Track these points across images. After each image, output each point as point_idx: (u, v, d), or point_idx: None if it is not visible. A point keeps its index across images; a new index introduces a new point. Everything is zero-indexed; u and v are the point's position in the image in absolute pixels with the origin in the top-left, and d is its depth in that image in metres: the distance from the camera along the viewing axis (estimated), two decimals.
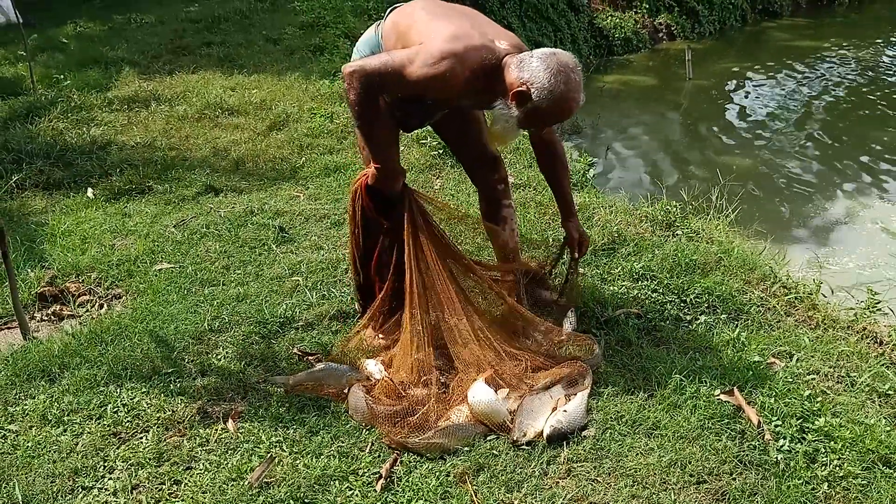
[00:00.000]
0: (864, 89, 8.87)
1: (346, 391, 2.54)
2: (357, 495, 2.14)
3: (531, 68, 2.30)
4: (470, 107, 2.68)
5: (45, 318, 3.14)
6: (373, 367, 2.63)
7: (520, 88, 2.30)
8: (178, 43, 7.13)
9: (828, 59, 10.16)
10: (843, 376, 2.63)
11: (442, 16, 2.49)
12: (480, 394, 2.40)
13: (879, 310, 3.19)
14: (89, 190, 4.34)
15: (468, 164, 2.93)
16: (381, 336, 2.74)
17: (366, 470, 2.23)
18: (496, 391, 2.45)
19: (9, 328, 3.06)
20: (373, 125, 2.48)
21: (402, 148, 4.42)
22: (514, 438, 2.33)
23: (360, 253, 2.76)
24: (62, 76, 5.97)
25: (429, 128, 3.02)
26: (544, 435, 2.32)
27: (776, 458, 2.24)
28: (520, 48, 2.43)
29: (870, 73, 9.49)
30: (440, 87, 2.38)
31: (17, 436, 2.38)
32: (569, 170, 2.92)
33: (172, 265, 3.42)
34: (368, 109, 2.42)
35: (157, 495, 2.16)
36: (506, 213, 2.88)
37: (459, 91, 2.40)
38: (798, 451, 2.25)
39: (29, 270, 3.38)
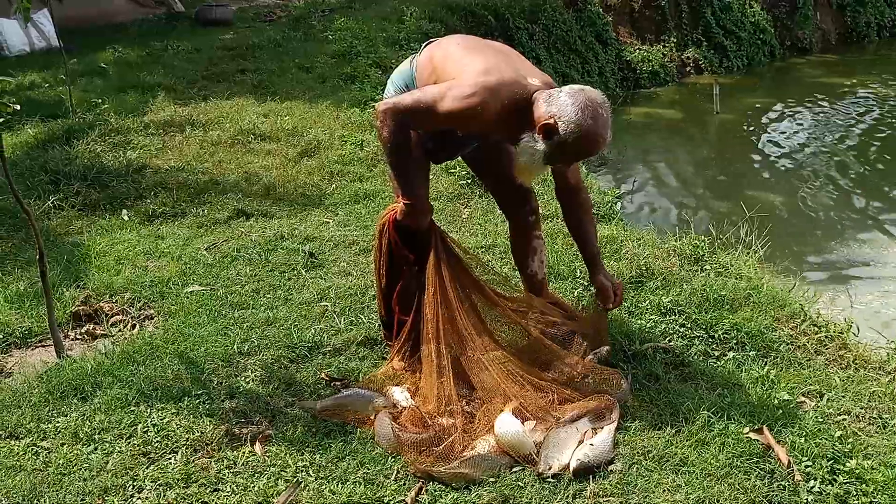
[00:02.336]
0: (895, 126, 8.80)
1: (372, 417, 2.55)
2: None
3: (559, 103, 2.33)
4: (500, 141, 2.71)
5: (79, 337, 3.20)
6: (399, 394, 2.64)
7: (547, 122, 2.32)
8: (213, 70, 7.29)
9: (858, 95, 10.11)
10: (874, 417, 2.60)
11: (476, 51, 2.54)
12: (507, 425, 2.40)
13: None
14: (124, 212, 4.43)
15: (499, 195, 2.96)
16: (407, 367, 2.76)
17: (391, 498, 2.23)
18: (523, 423, 2.44)
19: (43, 346, 3.12)
20: (404, 163, 2.52)
21: (430, 176, 4.48)
22: (540, 471, 2.32)
23: (384, 285, 2.79)
24: (100, 100, 6.11)
25: (459, 158, 3.06)
26: (570, 468, 2.31)
27: (806, 499, 2.21)
28: (550, 86, 2.46)
29: None
30: (471, 121, 2.42)
31: (49, 453, 2.42)
32: (595, 224, 2.87)
33: (204, 288, 3.47)
34: (400, 147, 2.47)
35: None
36: (535, 245, 2.90)
37: (490, 125, 2.43)
38: (829, 494, 2.22)
39: (65, 289, 3.45)
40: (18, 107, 2.89)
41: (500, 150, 2.80)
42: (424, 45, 2.72)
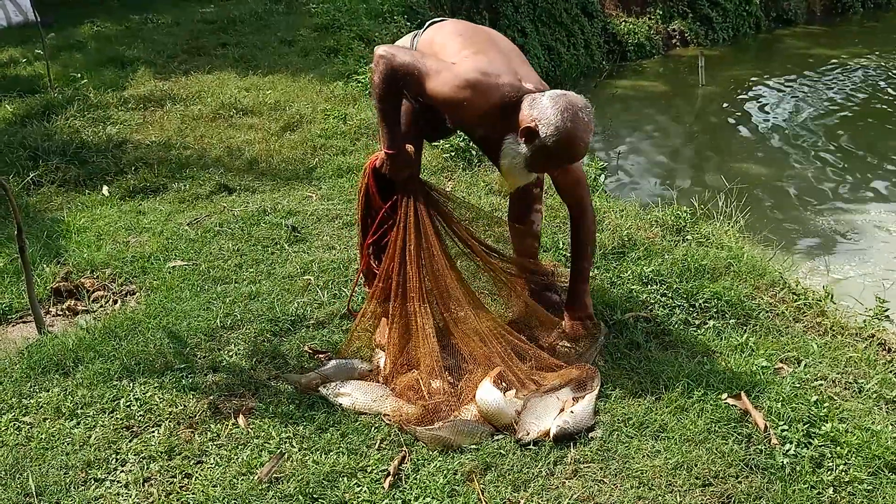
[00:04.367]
0: (878, 98, 8.84)
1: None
2: (365, 492, 2.16)
3: (541, 107, 2.33)
4: (485, 136, 2.69)
5: (60, 313, 3.19)
6: (385, 360, 2.65)
7: (528, 125, 2.33)
8: (194, 43, 7.19)
9: (842, 67, 10.13)
10: (850, 382, 2.64)
11: (478, 46, 2.50)
12: (488, 395, 2.41)
13: (888, 317, 3.19)
14: (105, 187, 4.39)
15: None
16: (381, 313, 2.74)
17: (374, 467, 2.25)
18: (504, 392, 2.46)
19: (24, 322, 3.11)
20: (389, 112, 2.50)
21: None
22: (518, 437, 2.35)
23: (361, 228, 2.79)
24: (79, 75, 6.03)
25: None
26: (551, 435, 2.33)
27: (782, 462, 2.24)
28: (541, 90, 2.44)
29: (884, 82, 9.45)
30: (454, 110, 2.44)
31: (31, 428, 2.42)
32: (591, 253, 2.81)
33: (186, 263, 3.46)
34: (388, 96, 2.47)
35: (168, 488, 2.19)
36: (533, 217, 2.92)
37: (472, 121, 2.44)
38: (804, 456, 2.26)
39: (45, 266, 3.43)
40: None
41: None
42: (428, 23, 2.70)
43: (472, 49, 2.48)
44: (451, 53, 2.49)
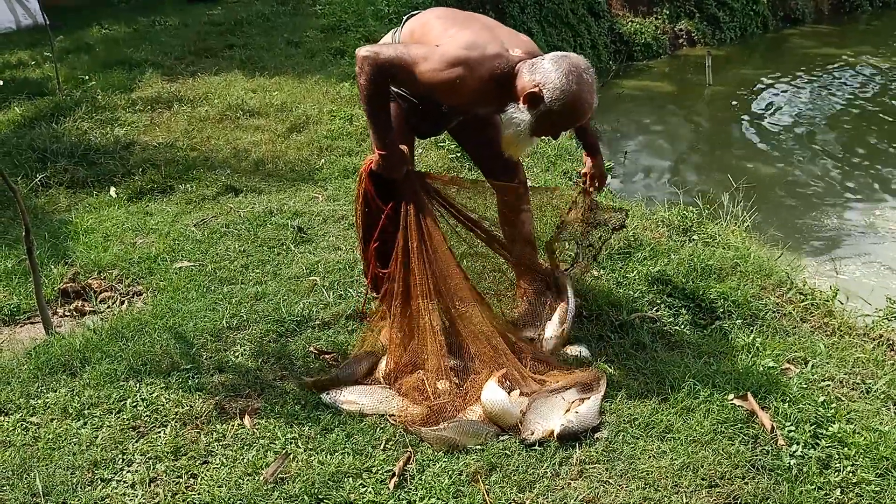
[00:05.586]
0: (887, 97, 8.79)
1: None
2: (370, 492, 2.17)
3: (543, 70, 2.30)
4: (484, 114, 2.69)
5: (68, 314, 3.20)
6: (385, 359, 2.66)
7: (532, 90, 2.30)
8: (201, 45, 7.22)
9: (850, 66, 10.08)
10: (858, 383, 2.63)
11: (460, 24, 2.50)
12: (493, 395, 2.41)
13: None
14: (112, 189, 4.41)
15: (486, 168, 2.94)
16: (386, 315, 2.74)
17: (379, 468, 2.26)
18: (509, 392, 2.46)
19: (32, 323, 3.12)
20: (378, 113, 2.48)
21: (419, 150, 4.47)
22: (523, 437, 2.34)
23: (362, 234, 2.78)
24: (87, 77, 6.07)
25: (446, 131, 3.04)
26: (555, 433, 2.33)
27: (789, 463, 2.23)
28: (534, 55, 2.42)
29: (892, 81, 9.40)
30: (449, 93, 2.40)
31: (38, 428, 2.43)
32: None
33: (192, 263, 3.47)
34: (376, 96, 2.44)
35: (174, 488, 2.19)
36: (523, 218, 2.89)
37: (468, 97, 2.41)
38: (811, 457, 2.25)
39: (52, 267, 3.45)
40: (0, 83, 2.87)
41: (485, 123, 2.78)
42: (406, 17, 2.69)
43: (455, 28, 2.46)
44: (434, 36, 2.47)
